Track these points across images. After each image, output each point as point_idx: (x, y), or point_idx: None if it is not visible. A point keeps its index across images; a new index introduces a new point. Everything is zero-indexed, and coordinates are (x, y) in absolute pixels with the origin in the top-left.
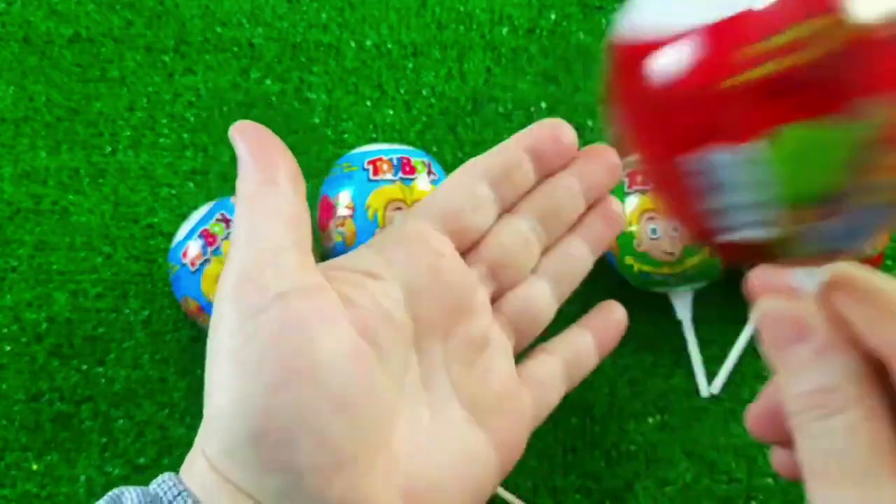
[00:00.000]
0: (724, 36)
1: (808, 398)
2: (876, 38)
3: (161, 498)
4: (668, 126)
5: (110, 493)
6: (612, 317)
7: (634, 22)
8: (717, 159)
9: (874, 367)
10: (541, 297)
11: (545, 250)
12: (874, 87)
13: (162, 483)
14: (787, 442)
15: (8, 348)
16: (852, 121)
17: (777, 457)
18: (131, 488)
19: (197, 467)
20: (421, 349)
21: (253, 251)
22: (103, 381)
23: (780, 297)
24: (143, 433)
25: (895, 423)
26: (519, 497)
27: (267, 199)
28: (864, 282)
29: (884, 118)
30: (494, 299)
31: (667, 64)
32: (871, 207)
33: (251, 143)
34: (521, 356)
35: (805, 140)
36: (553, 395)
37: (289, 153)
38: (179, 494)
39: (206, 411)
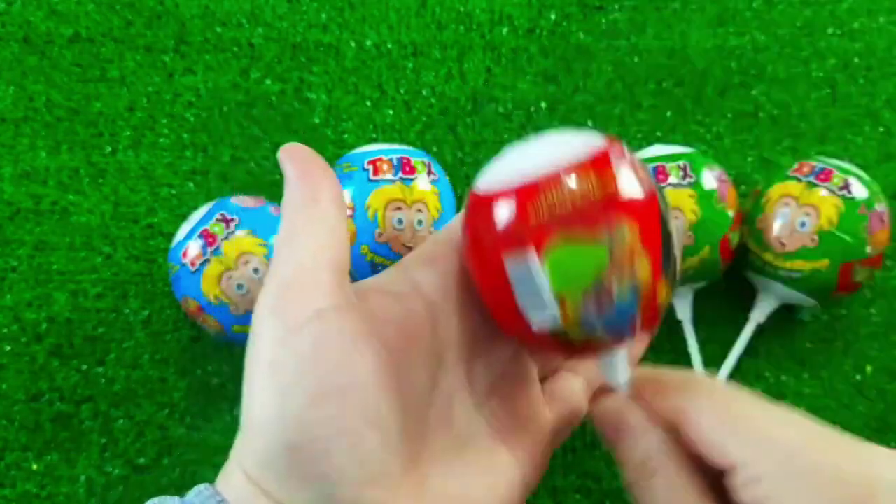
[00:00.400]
0: (520, 196)
1: (635, 468)
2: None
3: None
4: (491, 248)
5: (156, 500)
6: None
7: (482, 179)
8: (518, 270)
9: (677, 436)
10: None
11: None
12: (616, 219)
13: (199, 493)
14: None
15: (8, 348)
16: (599, 242)
17: None
18: (170, 499)
19: (234, 478)
20: (448, 369)
21: (294, 267)
22: (103, 381)
23: (607, 398)
24: (143, 433)
25: (698, 470)
26: None
27: (310, 218)
28: (653, 373)
29: (623, 240)
30: None
31: (491, 211)
32: (622, 304)
33: (297, 163)
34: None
35: (567, 254)
36: (576, 413)
37: (333, 175)
38: None
39: (243, 423)
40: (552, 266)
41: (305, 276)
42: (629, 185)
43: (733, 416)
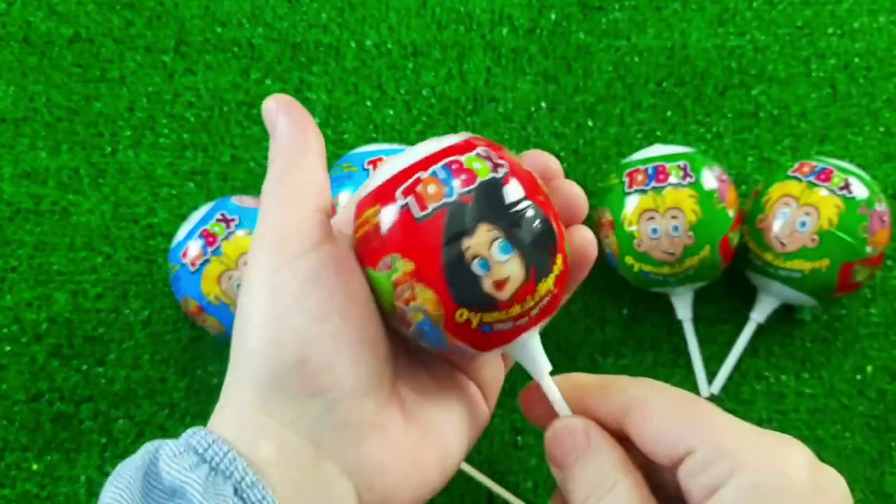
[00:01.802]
0: (357, 207)
1: (589, 485)
2: (401, 221)
3: (196, 447)
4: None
5: (146, 446)
6: (575, 247)
7: (363, 186)
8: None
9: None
10: None
11: None
12: (393, 250)
13: (193, 434)
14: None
15: (8, 348)
16: (382, 273)
17: None
18: (167, 442)
19: (227, 415)
20: None
21: (291, 209)
22: (103, 381)
23: (557, 421)
24: (143, 433)
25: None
26: (519, 497)
27: (301, 165)
28: (577, 379)
29: (398, 272)
30: None
31: (346, 216)
32: (422, 326)
33: (289, 112)
34: None
35: (371, 278)
36: (498, 375)
37: (317, 127)
38: (214, 443)
39: (238, 354)
40: (375, 284)
41: (303, 216)
42: (396, 219)
43: (684, 404)
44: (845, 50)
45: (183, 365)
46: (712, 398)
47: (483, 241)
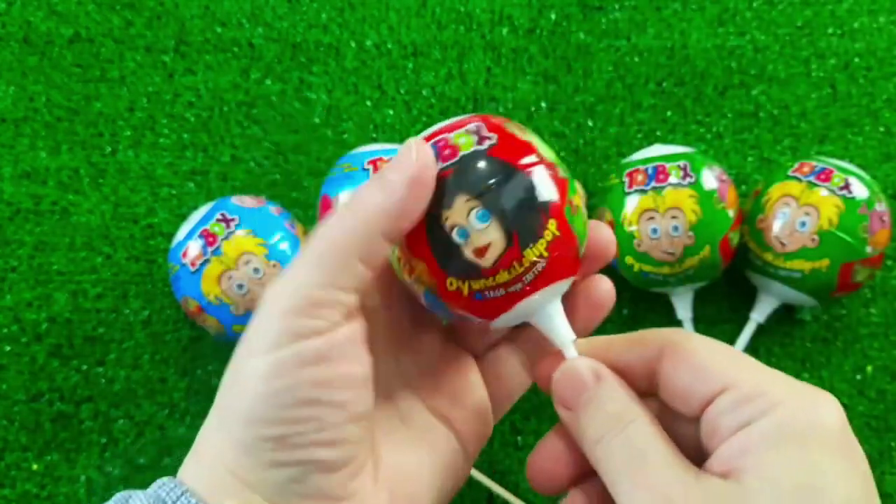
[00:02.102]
0: None
1: (605, 423)
2: None
3: (164, 500)
4: None
5: (117, 497)
6: (592, 295)
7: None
8: None
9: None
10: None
11: None
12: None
13: (163, 486)
14: (571, 479)
15: (8, 348)
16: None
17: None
18: (137, 493)
19: (203, 466)
20: (379, 358)
21: (334, 273)
22: (103, 381)
23: (565, 361)
24: (142, 433)
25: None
26: (519, 497)
27: (379, 235)
28: (601, 339)
29: (398, 245)
30: None
31: None
32: (424, 295)
33: (417, 174)
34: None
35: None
36: (516, 387)
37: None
38: (183, 494)
39: (226, 412)
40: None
41: (338, 283)
42: None
43: (722, 346)
44: (845, 50)
45: (183, 365)
46: None
47: (460, 211)
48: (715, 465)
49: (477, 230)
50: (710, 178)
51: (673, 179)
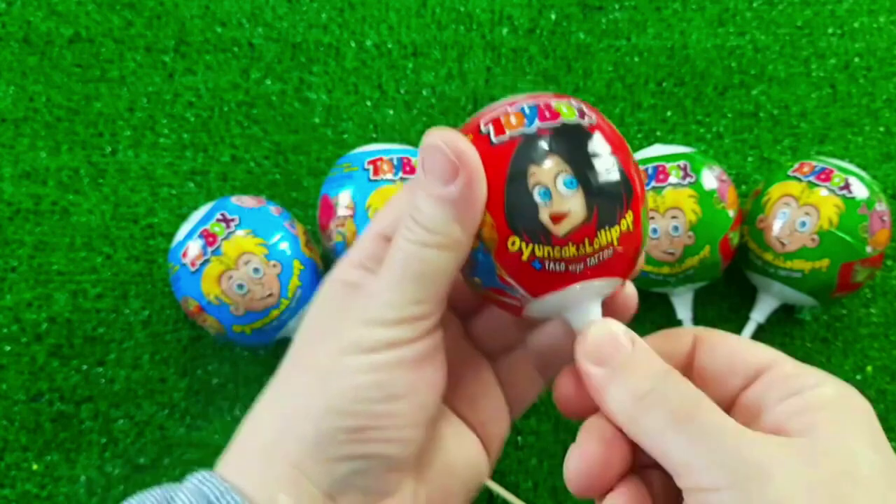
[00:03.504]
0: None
1: (649, 377)
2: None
3: (208, 496)
4: None
5: (155, 492)
6: (619, 297)
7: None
8: None
9: None
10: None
11: None
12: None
13: (204, 481)
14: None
15: (8, 348)
16: None
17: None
18: (179, 490)
19: (250, 457)
20: None
21: (405, 303)
22: (103, 381)
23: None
24: (142, 433)
25: None
26: (519, 497)
27: (457, 247)
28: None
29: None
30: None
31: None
32: (476, 251)
33: (467, 169)
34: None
35: None
36: (529, 392)
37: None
38: (227, 491)
39: (287, 402)
40: None
41: (426, 297)
42: (474, 144)
43: (748, 339)
44: (845, 50)
45: (183, 365)
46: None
47: (549, 171)
48: (767, 426)
49: (561, 194)
50: (710, 178)
51: (673, 179)
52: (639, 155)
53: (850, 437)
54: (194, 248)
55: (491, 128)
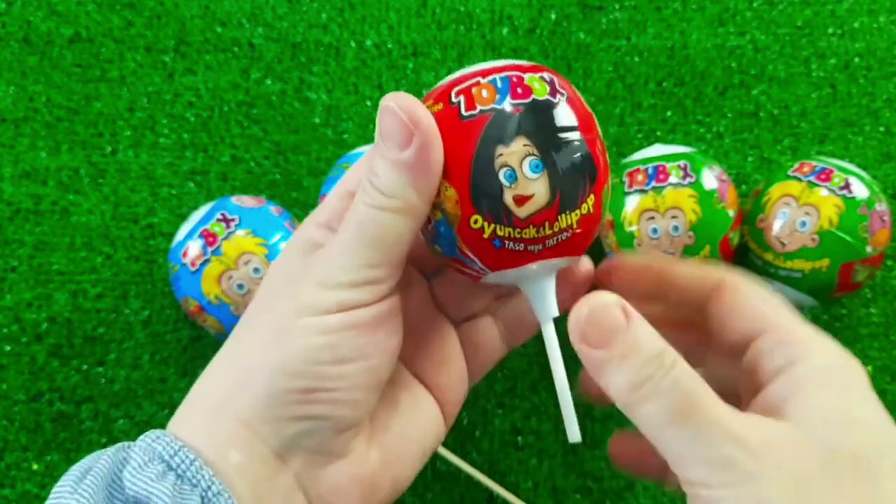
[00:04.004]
0: (423, 101)
1: (646, 365)
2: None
3: (161, 454)
4: None
5: (116, 448)
6: (572, 273)
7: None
8: None
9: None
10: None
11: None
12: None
13: (157, 440)
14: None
15: (8, 348)
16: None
17: None
18: (133, 447)
19: (203, 414)
20: None
21: (377, 251)
22: (103, 381)
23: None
24: (142, 433)
25: None
26: (519, 497)
27: (410, 211)
28: (653, 258)
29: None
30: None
31: None
32: (438, 223)
33: (421, 133)
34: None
35: None
36: (492, 356)
37: (440, 159)
38: (180, 450)
39: (239, 362)
40: None
41: (381, 260)
42: (443, 116)
43: (767, 294)
44: (845, 50)
45: (183, 365)
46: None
47: (516, 153)
48: (759, 409)
49: (526, 177)
50: (710, 178)
51: (673, 179)
52: (639, 155)
53: (844, 416)
54: (194, 248)
55: (462, 99)
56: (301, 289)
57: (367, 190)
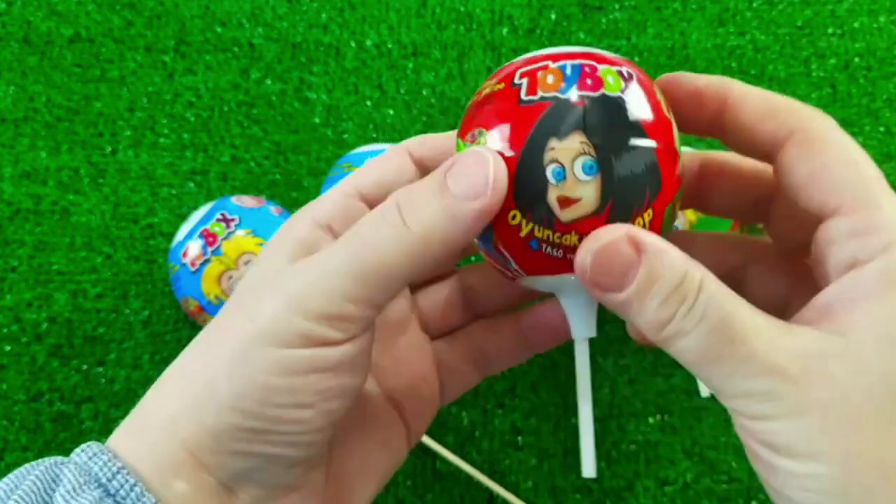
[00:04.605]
0: (493, 75)
1: (669, 299)
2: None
3: (98, 475)
4: None
5: (46, 463)
6: (543, 319)
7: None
8: None
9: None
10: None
11: None
12: (483, 124)
13: (94, 457)
14: None
15: (8, 348)
16: (469, 141)
17: None
18: (67, 464)
19: (149, 435)
20: None
21: (344, 298)
22: (103, 381)
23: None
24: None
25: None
26: (519, 497)
27: (426, 257)
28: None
29: (479, 144)
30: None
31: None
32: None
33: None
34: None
35: (456, 146)
36: (463, 383)
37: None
38: (119, 472)
39: (193, 386)
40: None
41: (361, 297)
42: (502, 96)
43: (854, 149)
44: (845, 50)
45: None
46: (712, 398)
47: (570, 149)
48: (814, 315)
49: (576, 178)
50: None
51: None
52: None
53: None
54: (194, 248)
55: (525, 82)
56: (269, 304)
57: (390, 214)
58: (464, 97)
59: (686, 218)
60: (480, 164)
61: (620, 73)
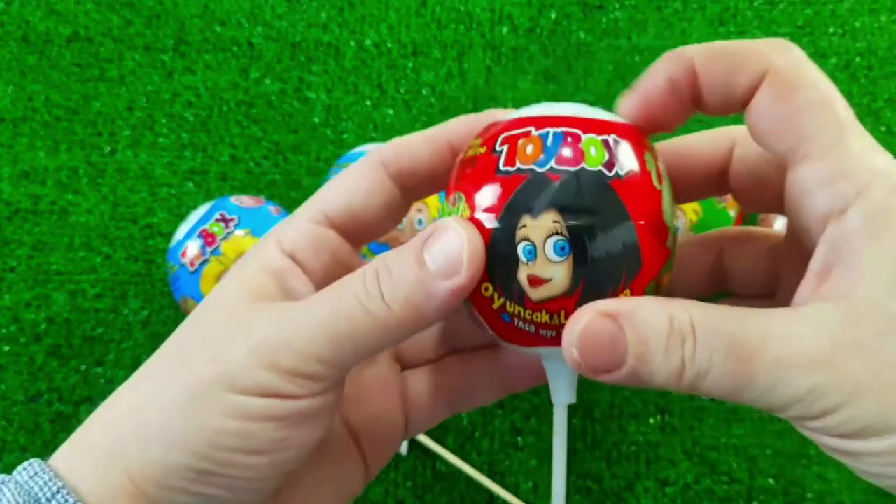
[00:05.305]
0: (481, 132)
1: (671, 349)
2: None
3: (38, 496)
4: None
5: None
6: (520, 362)
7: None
8: None
9: None
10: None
11: None
12: (463, 189)
13: (35, 477)
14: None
15: (7, 349)
16: (450, 204)
17: None
18: (10, 483)
19: (92, 457)
20: None
21: (309, 358)
22: (102, 381)
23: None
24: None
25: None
26: (519, 497)
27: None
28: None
29: (458, 211)
30: None
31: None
32: None
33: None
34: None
35: (441, 205)
36: (426, 424)
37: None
38: (59, 492)
39: (145, 413)
40: (440, 212)
41: (330, 355)
42: (481, 162)
43: (824, 85)
44: (846, 49)
45: None
46: (712, 398)
47: (541, 228)
48: (816, 280)
49: (547, 258)
50: None
51: None
52: None
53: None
54: (193, 247)
55: (504, 150)
56: (238, 350)
57: (371, 286)
58: (463, 96)
59: (686, 218)
60: (456, 241)
61: (606, 142)
